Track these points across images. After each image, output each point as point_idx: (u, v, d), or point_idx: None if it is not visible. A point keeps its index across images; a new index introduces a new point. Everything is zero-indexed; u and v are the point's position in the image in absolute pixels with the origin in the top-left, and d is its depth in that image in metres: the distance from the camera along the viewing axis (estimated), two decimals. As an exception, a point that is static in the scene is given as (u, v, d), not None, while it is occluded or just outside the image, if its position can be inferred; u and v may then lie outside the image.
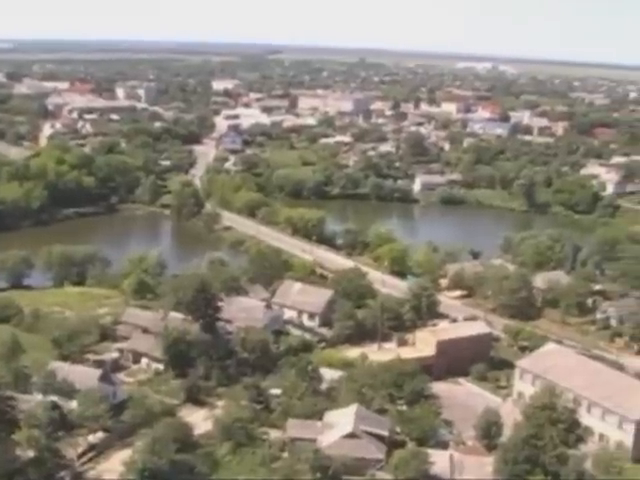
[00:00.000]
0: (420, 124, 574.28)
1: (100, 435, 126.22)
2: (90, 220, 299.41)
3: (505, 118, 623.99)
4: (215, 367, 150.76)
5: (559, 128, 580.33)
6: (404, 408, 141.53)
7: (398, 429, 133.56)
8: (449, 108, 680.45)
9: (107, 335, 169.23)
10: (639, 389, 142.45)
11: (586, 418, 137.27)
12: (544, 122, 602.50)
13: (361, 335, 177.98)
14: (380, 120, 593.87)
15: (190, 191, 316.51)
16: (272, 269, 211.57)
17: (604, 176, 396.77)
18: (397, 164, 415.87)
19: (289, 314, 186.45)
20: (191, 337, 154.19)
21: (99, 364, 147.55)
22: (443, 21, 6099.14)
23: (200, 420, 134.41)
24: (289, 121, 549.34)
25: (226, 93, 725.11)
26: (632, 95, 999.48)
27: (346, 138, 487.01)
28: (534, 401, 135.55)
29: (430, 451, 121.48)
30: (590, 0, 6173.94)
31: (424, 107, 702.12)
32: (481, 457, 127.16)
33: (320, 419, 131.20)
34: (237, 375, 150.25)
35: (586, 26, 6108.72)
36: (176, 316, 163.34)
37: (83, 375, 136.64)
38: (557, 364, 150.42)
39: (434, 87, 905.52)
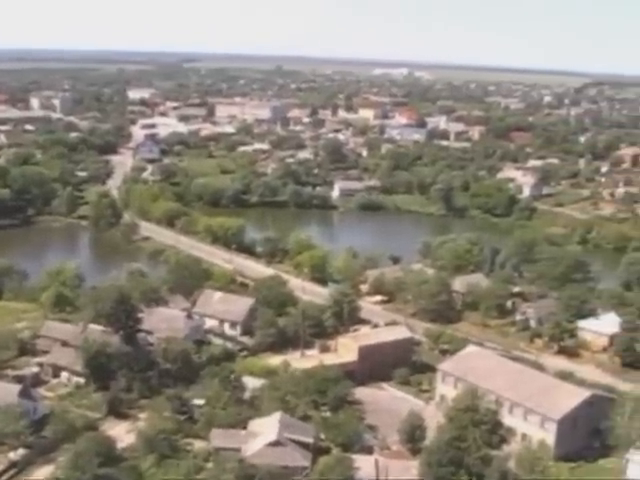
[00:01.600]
0: (338, 131, 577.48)
1: (21, 452, 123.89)
2: (6, 233, 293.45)
3: (422, 124, 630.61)
4: (137, 379, 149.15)
5: (475, 132, 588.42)
6: (328, 414, 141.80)
7: (322, 435, 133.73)
8: (366, 114, 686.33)
9: (26, 349, 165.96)
10: (559, 388, 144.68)
11: (508, 419, 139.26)
12: (460, 127, 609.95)
13: (283, 343, 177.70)
14: (298, 127, 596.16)
15: (107, 202, 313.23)
16: (192, 279, 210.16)
17: (520, 179, 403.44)
18: (315, 171, 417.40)
19: (210, 323, 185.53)
20: (111, 349, 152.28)
21: (18, 379, 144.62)
22: (359, 27, 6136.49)
23: (123, 433, 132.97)
24: (207, 130, 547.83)
25: (142, 102, 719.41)
26: (546, 99, 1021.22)
27: (264, 146, 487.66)
28: (456, 403, 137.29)
29: (355, 456, 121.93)
30: (501, 6, 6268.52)
31: (342, 114, 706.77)
32: (406, 461, 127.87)
33: (244, 428, 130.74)
34: (159, 386, 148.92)
35: (500, 31, 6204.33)
36: (96, 328, 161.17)
37: (2, 391, 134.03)
38: (478, 366, 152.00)
39: (351, 94, 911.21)
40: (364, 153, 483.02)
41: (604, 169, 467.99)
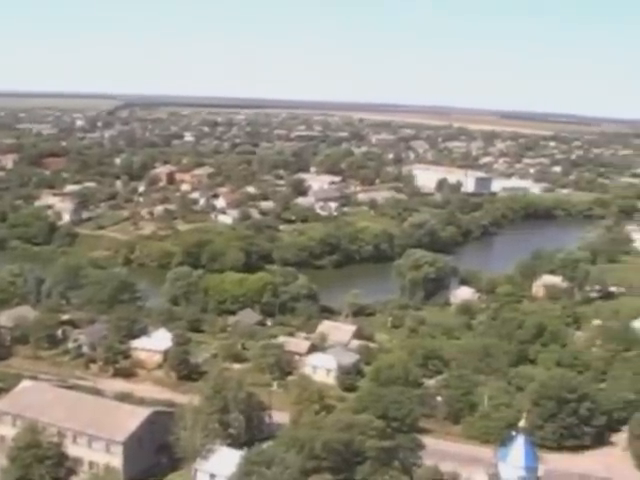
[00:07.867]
0: None
1: None
2: None
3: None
4: None
5: (9, 161, 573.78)
6: None
7: None
8: None
9: None
10: (120, 410, 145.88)
11: (73, 449, 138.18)
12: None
13: None
14: None
15: None
16: None
17: (59, 205, 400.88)
18: None
19: None
20: None
21: None
22: None
23: None
24: None
25: None
26: (79, 123, 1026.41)
27: None
28: (17, 442, 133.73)
29: None
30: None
31: None
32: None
33: None
34: None
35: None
36: None
37: None
38: (35, 400, 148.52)
39: None
40: None
41: (141, 189, 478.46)
